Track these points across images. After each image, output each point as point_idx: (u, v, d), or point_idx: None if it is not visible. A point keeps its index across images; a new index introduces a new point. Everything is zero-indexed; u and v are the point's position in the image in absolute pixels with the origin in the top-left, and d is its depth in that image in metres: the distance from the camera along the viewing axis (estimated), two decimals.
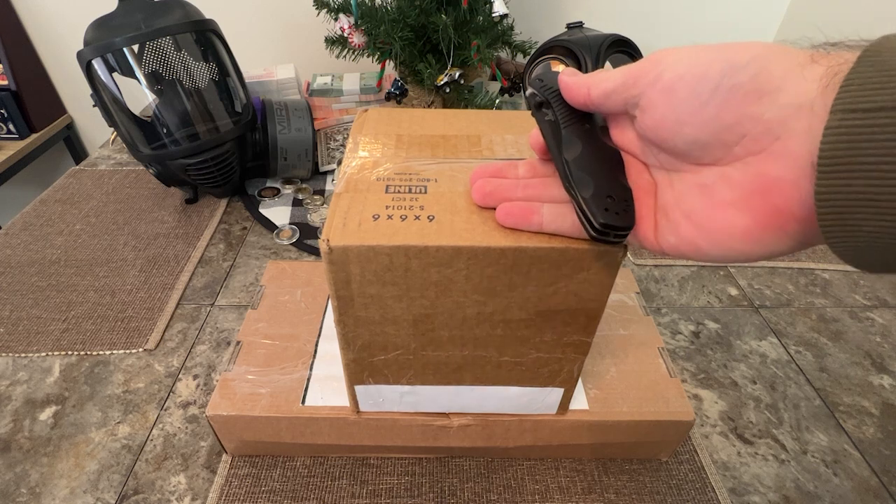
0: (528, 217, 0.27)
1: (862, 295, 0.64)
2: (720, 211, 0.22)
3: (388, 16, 0.78)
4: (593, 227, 0.24)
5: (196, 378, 0.51)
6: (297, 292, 0.50)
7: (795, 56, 0.19)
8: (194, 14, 0.68)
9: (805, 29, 1.05)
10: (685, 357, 0.55)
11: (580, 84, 0.25)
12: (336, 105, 0.91)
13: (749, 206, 0.21)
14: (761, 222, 0.21)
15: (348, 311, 0.31)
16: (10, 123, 1.22)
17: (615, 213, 0.24)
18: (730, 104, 0.20)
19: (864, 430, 0.48)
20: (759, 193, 0.20)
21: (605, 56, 0.71)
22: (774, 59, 0.19)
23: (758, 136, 0.20)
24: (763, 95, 0.19)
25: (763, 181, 0.20)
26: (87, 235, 0.69)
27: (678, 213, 0.23)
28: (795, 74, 0.19)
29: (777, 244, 0.21)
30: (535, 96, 0.28)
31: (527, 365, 0.35)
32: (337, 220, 0.28)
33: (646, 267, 0.67)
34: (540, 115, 0.27)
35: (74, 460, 0.44)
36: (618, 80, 0.24)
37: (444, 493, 0.42)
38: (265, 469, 0.43)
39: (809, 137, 0.18)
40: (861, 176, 0.17)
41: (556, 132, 0.26)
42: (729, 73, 0.20)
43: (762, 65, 0.19)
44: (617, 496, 0.42)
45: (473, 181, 0.29)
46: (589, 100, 0.25)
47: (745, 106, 0.20)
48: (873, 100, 0.16)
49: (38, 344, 0.54)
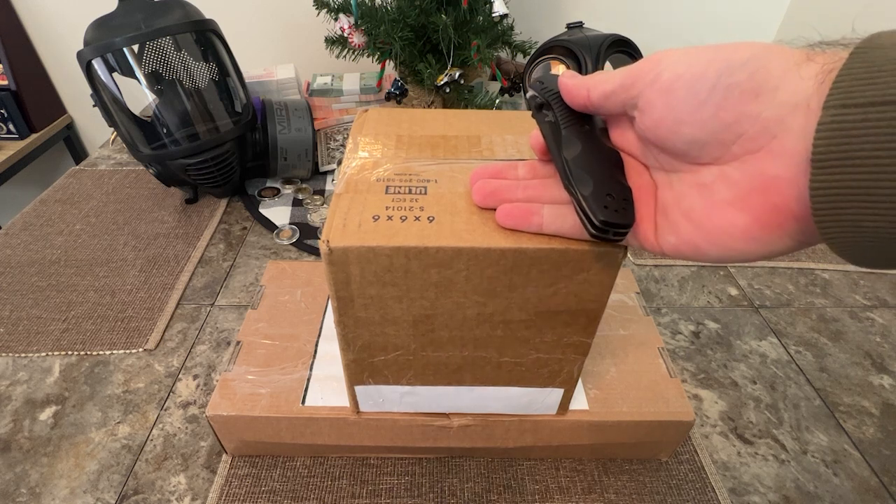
0: (527, 218, 0.27)
1: (862, 295, 0.64)
2: (719, 210, 0.22)
3: (388, 16, 0.78)
4: (593, 225, 0.24)
5: (196, 378, 0.51)
6: (297, 292, 0.50)
7: (792, 55, 0.19)
8: (194, 14, 0.68)
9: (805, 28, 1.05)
10: (685, 357, 0.55)
11: (580, 86, 0.25)
12: (336, 105, 0.91)
13: (748, 205, 0.21)
14: (760, 221, 0.21)
15: (348, 311, 0.31)
16: (10, 123, 1.22)
17: (614, 211, 0.24)
18: (727, 103, 0.20)
19: (864, 430, 0.48)
20: (757, 192, 0.20)
21: (605, 56, 0.71)
22: (771, 58, 0.19)
23: (755, 134, 0.20)
24: (760, 94, 0.19)
25: (761, 180, 0.20)
26: (87, 235, 0.69)
27: (678, 213, 0.24)
28: (792, 73, 0.19)
29: (776, 243, 0.21)
30: (536, 98, 0.28)
31: (527, 365, 0.35)
32: (337, 221, 0.28)
33: (646, 267, 0.67)
34: (540, 117, 0.27)
35: (74, 460, 0.44)
36: (617, 82, 0.24)
37: (444, 493, 0.42)
38: (265, 469, 0.43)
39: (805, 134, 0.18)
40: (855, 171, 0.17)
41: (556, 133, 0.26)
42: (726, 72, 0.20)
43: (759, 64, 0.19)
44: (617, 496, 0.42)
45: (473, 182, 0.29)
46: (589, 101, 0.25)
47: (742, 105, 0.20)
48: (864, 95, 0.16)
49: (38, 344, 0.54)
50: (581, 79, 0.25)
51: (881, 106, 0.16)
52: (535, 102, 0.28)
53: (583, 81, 0.25)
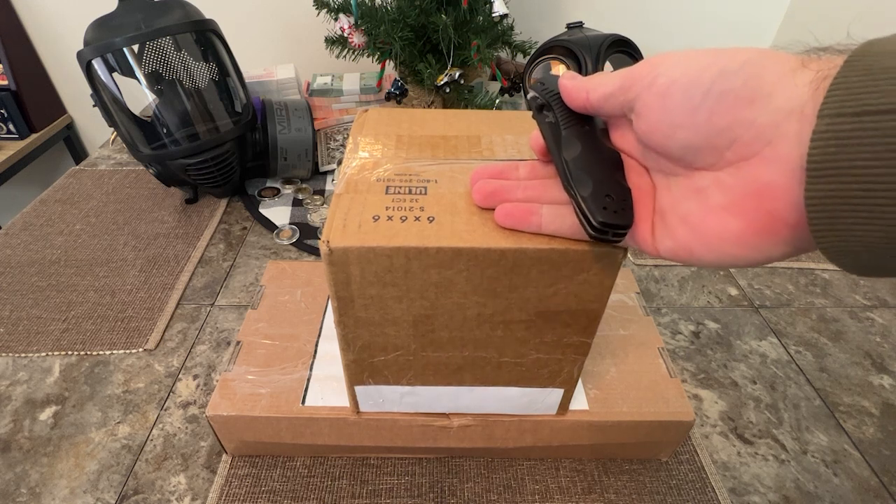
0: (527, 218, 0.27)
1: (862, 295, 0.64)
2: (714, 215, 0.22)
3: (388, 16, 0.78)
4: (591, 226, 0.24)
5: (196, 378, 0.51)
6: (297, 292, 0.50)
7: (787, 61, 0.19)
8: (194, 14, 0.68)
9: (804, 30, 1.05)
10: (685, 357, 0.55)
11: (579, 88, 0.25)
12: (336, 105, 0.91)
13: (742, 211, 0.21)
14: (754, 226, 0.21)
15: (348, 311, 0.31)
16: (10, 123, 1.22)
17: (613, 212, 0.24)
18: (721, 108, 0.20)
19: (864, 430, 0.48)
20: (751, 197, 0.20)
21: (605, 56, 0.71)
22: (766, 64, 0.20)
23: (749, 140, 0.20)
24: (755, 100, 0.19)
25: (755, 186, 0.20)
26: (87, 235, 0.69)
27: (674, 217, 0.24)
28: (787, 79, 0.19)
29: (771, 249, 0.21)
30: (537, 99, 0.28)
31: (527, 366, 0.35)
32: (337, 222, 0.28)
33: (646, 267, 0.67)
34: (541, 117, 0.28)
35: (74, 460, 0.44)
36: (615, 84, 0.24)
37: (444, 493, 0.42)
38: (265, 469, 0.43)
39: (800, 141, 0.18)
40: (849, 180, 0.17)
41: (557, 133, 0.26)
42: (720, 77, 0.20)
43: (754, 70, 0.19)
44: (617, 496, 0.42)
45: (474, 182, 0.29)
46: (588, 103, 0.25)
47: (736, 110, 0.20)
48: (859, 104, 0.17)
49: (38, 344, 0.54)
50: (581, 80, 0.26)
51: (876, 115, 0.16)
52: (536, 103, 0.28)
53: (582, 83, 0.25)
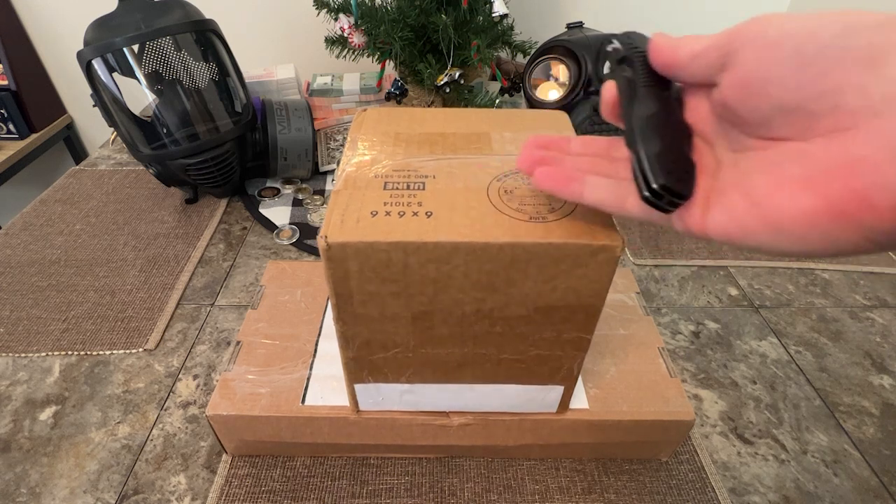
0: (568, 184, 0.26)
1: (862, 295, 0.63)
2: (785, 189, 0.19)
3: (388, 16, 0.78)
4: (649, 188, 0.22)
5: (196, 378, 0.51)
6: (297, 292, 0.50)
7: None
8: (194, 14, 0.68)
9: None
10: (685, 357, 0.55)
11: (670, 45, 0.24)
12: (336, 105, 0.91)
13: (821, 185, 0.18)
14: (831, 206, 0.18)
15: (347, 308, 0.31)
16: (10, 123, 1.22)
17: (677, 179, 0.23)
18: (835, 67, 0.18)
19: (864, 430, 0.48)
20: (836, 171, 0.18)
21: (605, 56, 0.71)
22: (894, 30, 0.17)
23: (854, 109, 0.18)
24: (876, 65, 0.17)
25: (843, 159, 0.18)
26: (87, 235, 0.69)
27: (736, 191, 0.22)
28: None
29: (841, 238, 0.18)
30: (619, 51, 0.27)
31: (526, 362, 0.35)
32: (335, 217, 0.28)
33: (646, 267, 0.66)
34: (619, 70, 0.26)
35: (74, 460, 0.44)
36: (711, 40, 0.22)
37: (444, 493, 0.42)
38: (265, 469, 0.43)
39: None
40: None
41: (633, 89, 0.25)
42: (843, 34, 0.18)
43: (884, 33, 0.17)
44: (617, 496, 0.42)
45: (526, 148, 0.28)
46: (675, 59, 0.23)
47: (851, 73, 0.18)
48: None
49: (38, 344, 0.54)
50: (673, 38, 0.24)
51: None
52: (618, 56, 0.27)
53: (675, 40, 0.24)
